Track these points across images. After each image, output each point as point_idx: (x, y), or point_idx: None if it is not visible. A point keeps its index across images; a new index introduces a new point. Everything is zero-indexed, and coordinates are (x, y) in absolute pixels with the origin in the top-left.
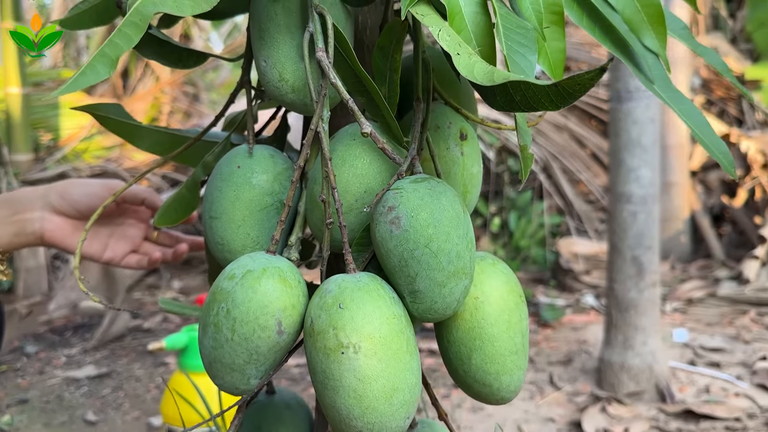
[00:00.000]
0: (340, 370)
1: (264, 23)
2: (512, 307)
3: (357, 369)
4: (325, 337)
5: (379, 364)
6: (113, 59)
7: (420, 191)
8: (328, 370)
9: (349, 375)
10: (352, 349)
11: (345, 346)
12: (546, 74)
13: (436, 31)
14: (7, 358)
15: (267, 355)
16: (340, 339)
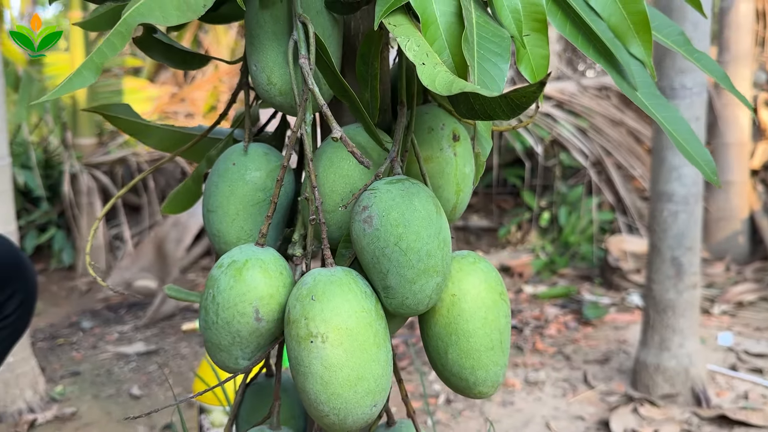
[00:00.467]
0: (309, 358)
1: (254, 30)
2: (489, 305)
3: (324, 357)
4: (298, 326)
5: (345, 354)
6: (99, 66)
7: (393, 192)
8: (299, 356)
9: (316, 363)
10: (320, 339)
11: (314, 335)
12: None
13: (404, 42)
14: (65, 332)
15: (249, 339)
16: (310, 329)
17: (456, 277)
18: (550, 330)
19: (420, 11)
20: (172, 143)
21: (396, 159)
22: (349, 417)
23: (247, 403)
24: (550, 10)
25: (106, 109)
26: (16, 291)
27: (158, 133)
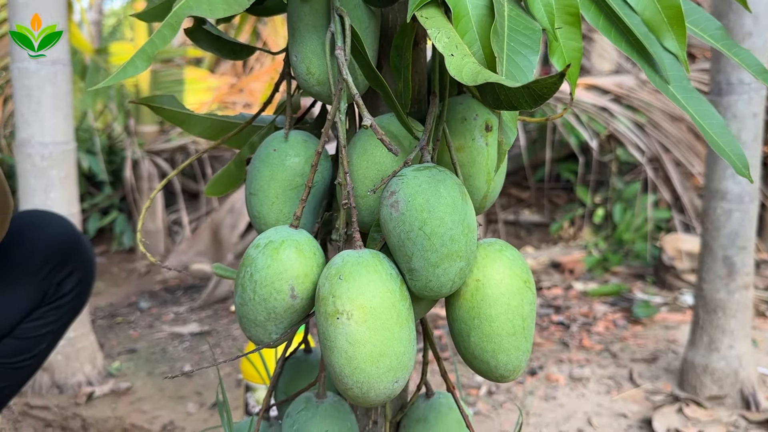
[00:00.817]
0: (335, 333)
1: (295, 22)
2: (513, 291)
3: (348, 333)
4: (326, 303)
5: (368, 331)
6: (150, 55)
7: (419, 178)
8: (326, 332)
9: (342, 338)
10: (346, 316)
11: (340, 312)
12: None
13: (434, 34)
14: (123, 312)
15: (284, 315)
16: (337, 306)
17: (481, 264)
18: (598, 327)
19: (452, 4)
20: (216, 132)
21: (425, 147)
22: (371, 391)
23: (286, 376)
24: (583, 4)
25: (151, 100)
26: (74, 270)
27: (201, 122)
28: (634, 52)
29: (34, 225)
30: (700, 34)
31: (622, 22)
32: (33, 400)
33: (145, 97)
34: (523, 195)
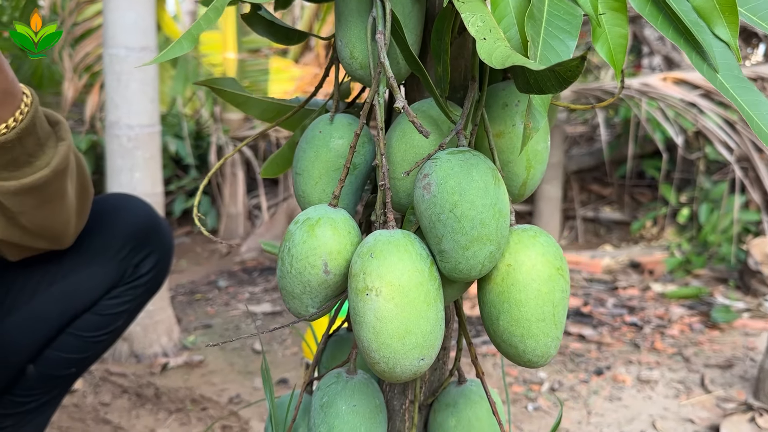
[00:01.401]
0: (365, 309)
1: (341, 7)
2: (544, 278)
3: (376, 309)
4: (357, 279)
5: (396, 308)
6: (195, 36)
7: (452, 162)
8: (356, 307)
9: (370, 314)
10: (375, 292)
11: (369, 289)
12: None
13: (468, 18)
14: (203, 289)
15: (318, 289)
16: (367, 283)
17: (514, 249)
18: (673, 330)
19: None
20: (273, 114)
21: (461, 131)
22: (397, 366)
23: (328, 352)
24: None
25: (213, 82)
26: (152, 252)
27: (259, 104)
28: (682, 39)
29: (115, 208)
30: (759, 23)
31: (671, 8)
32: (112, 367)
33: (208, 79)
34: (605, 191)
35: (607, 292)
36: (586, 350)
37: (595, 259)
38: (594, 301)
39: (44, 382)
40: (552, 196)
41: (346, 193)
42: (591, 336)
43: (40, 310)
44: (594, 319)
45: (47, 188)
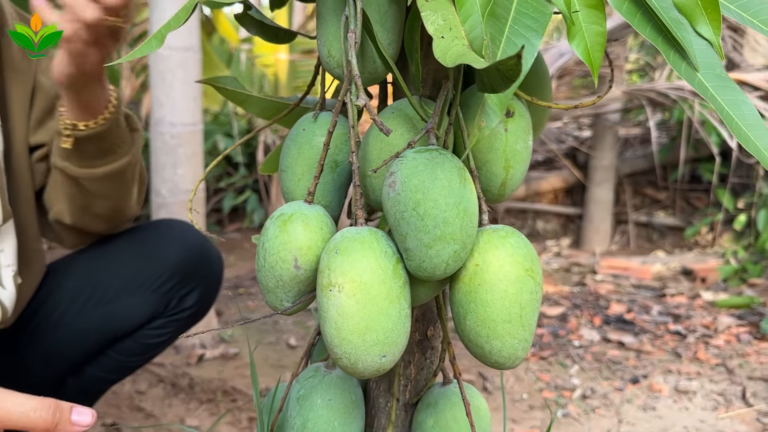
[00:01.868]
0: (328, 304)
1: (319, 6)
2: (511, 278)
3: (338, 305)
4: (323, 275)
5: (357, 304)
6: (164, 35)
7: (417, 160)
8: (321, 302)
9: (332, 309)
10: (337, 288)
11: (333, 284)
12: None
13: (428, 17)
14: (246, 284)
15: (290, 284)
16: (331, 279)
17: (483, 249)
18: (718, 340)
19: None
20: (272, 112)
21: (432, 130)
22: (359, 362)
23: (319, 346)
24: None
25: (216, 81)
26: (197, 286)
27: (259, 102)
28: (660, 37)
29: (168, 237)
30: (749, 19)
31: (650, 5)
32: None
33: (211, 77)
34: (659, 195)
35: (654, 299)
36: (624, 358)
37: (646, 265)
38: (638, 308)
39: (79, 395)
40: (603, 199)
41: (329, 190)
42: (631, 343)
43: (84, 328)
44: (636, 326)
45: (125, 174)
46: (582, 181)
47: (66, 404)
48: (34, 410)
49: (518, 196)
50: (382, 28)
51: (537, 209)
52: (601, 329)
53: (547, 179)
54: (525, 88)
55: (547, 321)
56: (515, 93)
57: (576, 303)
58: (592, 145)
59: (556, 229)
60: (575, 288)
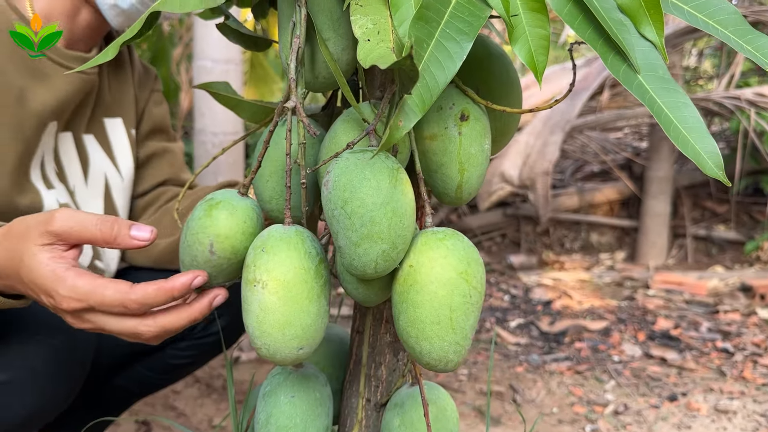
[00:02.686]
0: (252, 299)
1: (279, 14)
2: (442, 281)
3: (261, 301)
4: (248, 270)
5: (279, 301)
6: (119, 44)
7: (350, 160)
8: (245, 296)
9: (255, 304)
10: (261, 285)
11: (257, 281)
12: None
13: (357, 20)
14: None
15: (203, 266)
16: (256, 275)
17: (419, 250)
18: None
19: None
20: (262, 116)
21: (372, 132)
22: (277, 354)
23: None
24: None
25: (209, 86)
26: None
27: (250, 107)
28: (600, 40)
29: None
30: (704, 20)
31: (594, 7)
32: None
33: (204, 83)
34: (719, 208)
35: (705, 316)
36: (664, 374)
37: (702, 281)
38: (687, 325)
39: (104, 404)
40: (659, 211)
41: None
42: (673, 360)
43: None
44: (681, 342)
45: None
46: (636, 192)
47: (125, 221)
48: (95, 224)
49: (571, 207)
50: (335, 34)
51: (591, 221)
52: (644, 345)
53: (601, 191)
54: (488, 92)
55: (588, 335)
56: (471, 97)
57: (621, 318)
58: (648, 156)
59: (611, 242)
60: (623, 302)
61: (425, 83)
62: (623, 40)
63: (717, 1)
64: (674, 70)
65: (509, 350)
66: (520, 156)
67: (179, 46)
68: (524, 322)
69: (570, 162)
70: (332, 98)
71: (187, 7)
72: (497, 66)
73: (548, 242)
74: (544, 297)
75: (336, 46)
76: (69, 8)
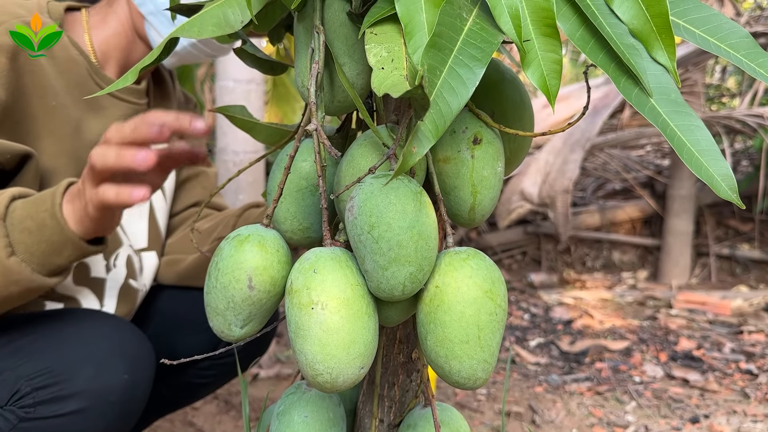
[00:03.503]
0: (310, 323)
1: (295, 40)
2: (469, 300)
3: (323, 322)
4: (300, 295)
5: (341, 320)
6: (137, 71)
7: (374, 185)
8: (300, 322)
9: (316, 327)
10: (321, 306)
11: (315, 303)
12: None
13: (372, 49)
14: None
15: (242, 306)
16: (312, 297)
17: (444, 270)
18: None
19: (405, 22)
20: (277, 138)
21: (392, 156)
22: (341, 376)
23: None
24: (564, 15)
25: (225, 109)
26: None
27: (265, 129)
28: (612, 64)
29: None
30: (716, 43)
31: (606, 32)
32: None
33: (221, 107)
34: (744, 227)
35: (728, 336)
36: (686, 396)
37: (725, 300)
38: (710, 345)
39: None
40: (682, 230)
41: (310, 213)
42: (696, 381)
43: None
44: (704, 363)
45: None
46: (658, 211)
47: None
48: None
49: (592, 225)
50: (350, 60)
51: (613, 239)
52: (666, 365)
53: (623, 209)
54: (502, 115)
55: (609, 355)
56: (484, 121)
57: (643, 338)
58: (670, 174)
59: (633, 260)
60: (645, 322)
61: (438, 109)
62: (635, 64)
63: (728, 25)
64: (696, 88)
65: (529, 370)
66: (540, 174)
67: (203, 66)
68: (544, 342)
69: (591, 179)
70: (347, 120)
71: (204, 33)
72: (510, 90)
73: (569, 260)
74: (565, 316)
75: (351, 70)
76: (125, 44)
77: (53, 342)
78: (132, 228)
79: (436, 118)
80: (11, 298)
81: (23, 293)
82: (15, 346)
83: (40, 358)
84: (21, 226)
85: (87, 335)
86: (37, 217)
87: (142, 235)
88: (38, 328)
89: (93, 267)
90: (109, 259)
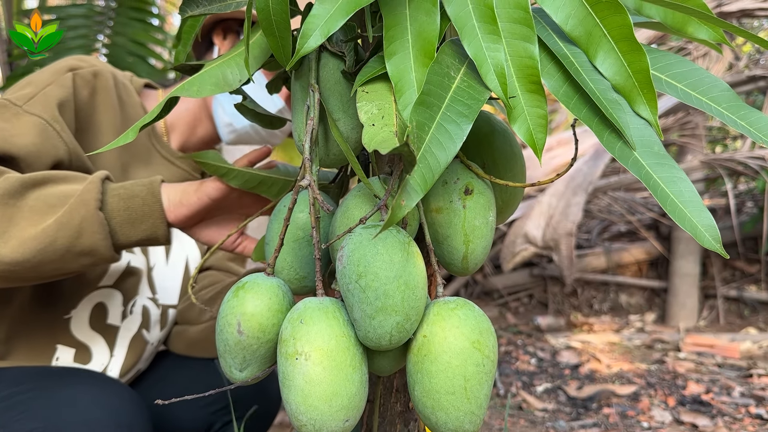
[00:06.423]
0: (294, 373)
1: (292, 97)
2: (455, 351)
3: (306, 373)
4: (287, 344)
5: (324, 371)
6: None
7: (363, 236)
8: (286, 371)
9: (299, 377)
10: (304, 357)
11: (299, 353)
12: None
13: (363, 107)
14: None
15: (235, 349)
16: (297, 347)
17: (432, 320)
18: None
19: (395, 80)
20: (254, 184)
21: (383, 207)
22: (323, 428)
23: None
24: (548, 72)
25: (198, 156)
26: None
27: (241, 175)
28: (595, 119)
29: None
30: (698, 97)
31: (589, 88)
32: None
33: (194, 153)
34: (751, 269)
35: (738, 380)
36: None
37: (734, 343)
38: (719, 389)
39: None
40: (688, 272)
41: (307, 262)
42: (705, 426)
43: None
44: (713, 408)
45: None
46: (663, 253)
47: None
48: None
49: (598, 268)
50: (345, 115)
51: (619, 282)
52: (674, 410)
53: (629, 251)
54: (493, 166)
55: (616, 400)
56: (475, 172)
57: (651, 382)
58: None
59: (641, 303)
60: (653, 366)
61: (427, 164)
62: (618, 119)
63: (709, 79)
64: (698, 131)
65: (536, 416)
66: (543, 217)
67: None
68: (551, 387)
69: (596, 222)
70: (342, 170)
71: (203, 92)
72: (501, 141)
73: (576, 303)
74: (573, 360)
75: (346, 125)
76: (191, 120)
77: (50, 403)
78: (166, 284)
79: (425, 172)
80: (70, 254)
81: (83, 253)
82: (14, 401)
83: (34, 417)
84: (113, 192)
85: (84, 399)
86: (131, 189)
87: (174, 292)
88: (39, 387)
89: (111, 312)
90: (127, 305)
